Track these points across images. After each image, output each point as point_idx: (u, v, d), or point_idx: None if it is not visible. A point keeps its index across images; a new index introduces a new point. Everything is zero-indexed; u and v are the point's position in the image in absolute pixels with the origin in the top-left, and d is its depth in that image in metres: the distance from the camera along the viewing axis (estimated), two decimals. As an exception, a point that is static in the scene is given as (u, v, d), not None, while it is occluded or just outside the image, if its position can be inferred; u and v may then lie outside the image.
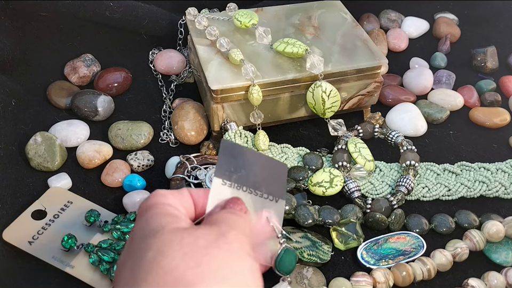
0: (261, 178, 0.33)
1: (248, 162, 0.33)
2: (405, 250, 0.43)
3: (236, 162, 0.32)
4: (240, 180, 0.32)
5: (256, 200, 0.33)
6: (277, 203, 0.34)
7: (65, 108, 0.53)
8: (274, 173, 0.34)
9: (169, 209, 0.29)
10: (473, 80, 0.60)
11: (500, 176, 0.48)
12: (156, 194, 0.30)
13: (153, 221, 0.28)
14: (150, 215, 0.28)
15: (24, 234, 0.41)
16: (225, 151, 0.32)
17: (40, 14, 0.57)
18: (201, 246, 0.26)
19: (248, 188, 0.33)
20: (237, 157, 0.33)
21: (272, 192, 0.34)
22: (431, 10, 0.69)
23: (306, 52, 0.47)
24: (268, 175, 0.34)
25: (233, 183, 0.32)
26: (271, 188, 0.34)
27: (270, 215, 0.33)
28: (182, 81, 0.58)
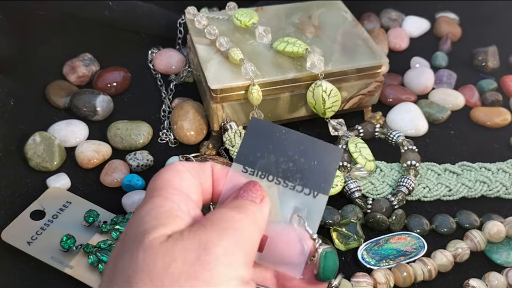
0: (296, 165, 0.27)
1: (281, 146, 0.27)
2: (405, 250, 0.42)
3: (264, 146, 0.27)
4: (266, 167, 0.27)
5: (285, 193, 0.27)
6: (315, 198, 0.27)
7: (64, 107, 0.53)
8: (319, 160, 0.27)
9: (175, 199, 0.25)
10: (474, 80, 0.60)
11: (501, 176, 0.48)
12: (172, 169, 0.26)
13: (149, 217, 0.24)
14: (150, 207, 0.25)
15: (22, 235, 0.41)
16: (252, 131, 0.27)
17: (39, 13, 0.57)
18: (172, 278, 0.21)
19: (277, 177, 0.27)
20: (266, 139, 0.27)
21: (310, 183, 0.27)
22: (432, 10, 0.69)
23: (306, 51, 0.47)
24: (309, 162, 0.27)
25: (257, 170, 0.27)
26: (310, 179, 0.27)
27: (302, 216, 0.27)
28: (182, 80, 0.57)
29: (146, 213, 0.25)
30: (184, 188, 0.26)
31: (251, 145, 0.27)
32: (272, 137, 0.27)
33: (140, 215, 0.25)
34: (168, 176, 0.26)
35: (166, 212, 0.24)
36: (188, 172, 0.26)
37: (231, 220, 0.24)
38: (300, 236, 0.27)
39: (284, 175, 0.27)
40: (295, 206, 0.27)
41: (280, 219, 0.27)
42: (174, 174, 0.26)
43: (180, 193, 0.25)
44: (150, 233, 0.23)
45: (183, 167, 0.26)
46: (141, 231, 0.24)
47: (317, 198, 0.27)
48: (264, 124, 0.28)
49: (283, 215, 0.27)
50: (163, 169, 0.26)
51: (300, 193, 0.27)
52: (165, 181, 0.26)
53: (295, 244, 0.27)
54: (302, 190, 0.27)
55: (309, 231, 0.27)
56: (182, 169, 0.26)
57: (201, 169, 0.27)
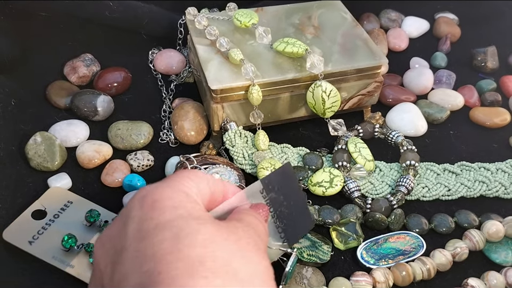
0: (288, 215, 0.34)
1: (290, 195, 0.33)
2: (404, 250, 0.43)
3: (283, 186, 0.33)
4: (274, 201, 0.33)
5: (272, 227, 0.33)
6: (281, 244, 0.35)
7: (64, 107, 0.53)
8: (300, 221, 0.35)
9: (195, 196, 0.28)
10: (474, 80, 0.60)
11: (500, 176, 0.48)
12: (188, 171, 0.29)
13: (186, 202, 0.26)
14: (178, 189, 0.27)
15: (24, 234, 0.41)
16: (284, 171, 0.33)
17: (40, 14, 0.57)
18: (244, 248, 0.25)
19: (275, 211, 0.33)
20: (287, 184, 0.33)
21: (287, 233, 0.34)
22: (431, 10, 0.69)
23: (306, 52, 0.47)
24: (295, 218, 0.34)
25: (268, 198, 0.32)
26: (289, 230, 0.34)
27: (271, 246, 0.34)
28: (182, 81, 0.58)
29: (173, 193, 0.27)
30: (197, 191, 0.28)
31: (276, 179, 0.32)
32: (291, 185, 0.34)
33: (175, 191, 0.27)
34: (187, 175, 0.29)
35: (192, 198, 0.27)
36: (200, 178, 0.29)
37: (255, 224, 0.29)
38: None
39: (279, 215, 0.33)
40: (271, 242, 0.34)
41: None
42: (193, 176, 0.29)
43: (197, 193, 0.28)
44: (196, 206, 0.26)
45: (196, 174, 0.29)
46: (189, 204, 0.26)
47: (283, 245, 0.35)
48: (292, 173, 0.35)
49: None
50: (181, 170, 0.30)
51: (278, 234, 0.34)
52: (185, 177, 0.28)
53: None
54: (280, 232, 0.34)
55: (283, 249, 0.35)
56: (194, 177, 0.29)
57: (217, 182, 0.30)
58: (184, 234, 0.24)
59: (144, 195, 0.26)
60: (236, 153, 0.48)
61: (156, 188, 0.27)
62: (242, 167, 0.48)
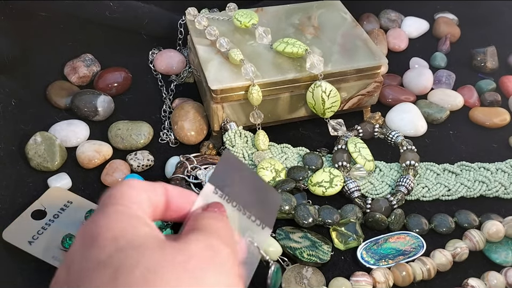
0: (253, 199, 0.32)
1: (244, 180, 0.32)
2: (404, 250, 0.43)
3: (232, 176, 0.32)
4: (232, 194, 0.31)
5: (243, 219, 0.32)
6: (263, 230, 0.32)
7: (65, 107, 0.53)
8: (267, 199, 0.33)
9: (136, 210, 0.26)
10: (473, 80, 0.60)
11: (500, 176, 0.48)
12: (128, 184, 0.27)
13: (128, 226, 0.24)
14: (115, 212, 0.25)
15: (24, 234, 0.41)
16: (225, 161, 0.31)
17: (40, 14, 0.57)
18: (195, 267, 0.23)
19: (238, 204, 0.31)
20: (235, 171, 0.32)
21: (261, 217, 0.32)
22: (431, 10, 0.69)
23: (306, 52, 0.47)
24: (261, 199, 0.33)
25: (225, 194, 0.31)
26: (261, 213, 0.32)
27: (253, 239, 0.32)
28: (182, 81, 0.58)
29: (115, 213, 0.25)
30: (140, 202, 0.26)
31: (222, 173, 0.31)
32: (240, 171, 0.32)
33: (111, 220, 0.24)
34: (125, 189, 0.27)
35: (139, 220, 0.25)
36: (142, 188, 0.27)
37: (219, 228, 0.27)
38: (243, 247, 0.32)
39: (244, 204, 0.32)
40: (249, 232, 0.32)
41: (238, 240, 0.31)
42: (130, 188, 0.27)
43: (137, 206, 0.26)
44: (150, 238, 0.24)
45: (136, 183, 0.27)
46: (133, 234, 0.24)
47: (265, 230, 0.33)
48: (234, 158, 0.32)
49: (239, 238, 0.32)
50: (117, 184, 0.27)
51: (253, 223, 0.32)
52: (122, 192, 0.26)
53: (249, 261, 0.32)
54: (255, 220, 0.32)
55: (262, 253, 0.32)
56: (135, 185, 0.27)
57: (153, 188, 0.28)
58: (122, 271, 0.22)
59: (83, 233, 0.25)
60: (236, 153, 0.48)
61: (95, 221, 0.25)
62: (242, 167, 0.48)
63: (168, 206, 0.28)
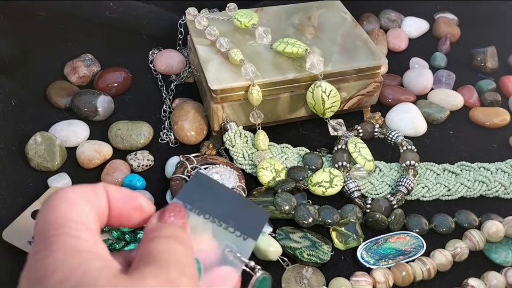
0: (230, 213, 0.30)
1: (220, 197, 0.30)
2: (404, 250, 0.43)
3: (204, 193, 0.30)
4: (203, 208, 0.29)
5: (218, 230, 0.30)
6: (244, 241, 0.30)
7: (65, 107, 0.53)
8: (250, 214, 0.31)
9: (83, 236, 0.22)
10: (473, 80, 0.60)
11: (500, 176, 0.48)
12: (64, 199, 0.23)
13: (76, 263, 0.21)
14: (60, 249, 0.21)
15: (24, 234, 0.41)
16: (196, 181, 0.30)
17: (40, 14, 0.57)
18: None
19: (212, 216, 0.29)
20: (207, 189, 0.30)
21: (241, 229, 0.30)
22: (431, 10, 0.69)
23: (306, 52, 0.47)
24: (241, 214, 0.31)
25: (195, 208, 0.29)
26: (242, 225, 0.30)
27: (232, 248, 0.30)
28: (182, 81, 0.58)
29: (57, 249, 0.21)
30: (84, 220, 0.23)
31: (193, 191, 0.29)
32: (214, 189, 0.31)
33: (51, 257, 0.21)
34: (64, 209, 0.23)
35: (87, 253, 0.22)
36: (81, 198, 0.24)
37: (176, 252, 0.24)
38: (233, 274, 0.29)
39: (218, 217, 0.30)
40: (226, 243, 0.30)
41: (212, 250, 0.29)
42: (68, 205, 0.23)
43: (83, 227, 0.23)
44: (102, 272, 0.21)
45: (74, 194, 0.24)
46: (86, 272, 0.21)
47: (247, 241, 0.30)
48: (206, 178, 0.31)
49: (215, 248, 0.29)
50: (52, 201, 0.23)
51: (232, 234, 0.30)
52: (62, 214, 0.23)
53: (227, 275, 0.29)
54: (234, 232, 0.30)
55: (245, 260, 0.29)
56: (73, 198, 0.23)
57: (94, 192, 0.24)
58: None
59: (28, 276, 0.22)
60: (236, 153, 0.48)
61: (39, 261, 0.21)
62: (242, 167, 0.48)
63: (109, 211, 0.25)
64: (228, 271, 0.28)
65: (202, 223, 0.29)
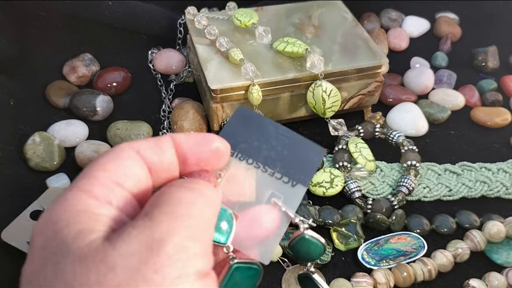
0: (278, 155, 0.27)
1: (266, 136, 0.27)
2: (405, 250, 0.42)
3: (247, 133, 0.27)
4: (247, 151, 0.26)
5: (263, 177, 0.26)
6: (293, 187, 0.27)
7: (64, 107, 0.53)
8: (301, 155, 0.27)
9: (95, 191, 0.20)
10: (474, 80, 0.60)
11: (501, 177, 0.48)
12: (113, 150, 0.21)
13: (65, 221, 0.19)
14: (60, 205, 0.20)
15: (22, 235, 0.41)
16: (237, 120, 0.27)
17: (39, 14, 0.57)
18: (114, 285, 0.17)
19: (256, 161, 0.26)
20: (251, 128, 0.27)
21: (289, 173, 0.27)
22: (432, 10, 0.69)
23: (306, 51, 0.47)
24: (291, 154, 0.27)
25: (236, 152, 0.26)
26: (290, 169, 0.27)
27: (278, 200, 0.26)
28: (182, 80, 0.57)
29: (61, 213, 0.20)
30: (115, 176, 0.21)
31: (234, 131, 0.27)
32: (258, 127, 0.27)
33: (55, 217, 0.20)
34: (102, 160, 0.21)
35: (81, 213, 0.19)
36: (133, 151, 0.21)
37: (183, 203, 0.20)
38: (276, 213, 0.26)
39: (264, 161, 0.27)
40: (272, 192, 0.27)
41: (255, 201, 0.26)
42: (111, 157, 0.21)
43: (105, 181, 0.20)
44: (76, 240, 0.18)
45: (128, 147, 0.21)
46: (62, 237, 0.19)
47: (295, 188, 0.27)
48: (251, 114, 0.28)
49: (259, 198, 0.26)
50: (106, 151, 0.22)
51: (279, 180, 0.27)
52: (95, 165, 0.21)
53: (270, 220, 0.26)
54: (281, 178, 0.27)
55: (289, 213, 0.26)
56: (124, 149, 0.21)
57: (157, 145, 0.22)
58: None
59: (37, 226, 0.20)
60: (236, 153, 0.48)
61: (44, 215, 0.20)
62: (242, 167, 0.48)
63: (184, 161, 0.23)
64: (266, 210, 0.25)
65: (244, 169, 0.26)
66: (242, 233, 0.24)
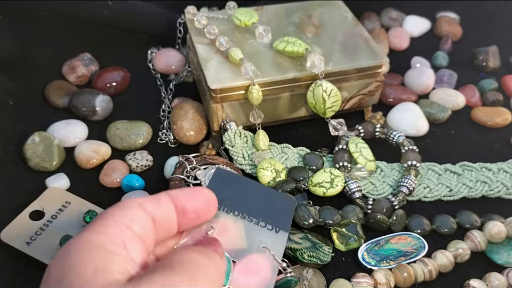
0: (259, 207, 0.31)
1: (245, 191, 0.31)
2: (406, 251, 0.42)
3: (229, 189, 0.30)
4: (232, 205, 0.30)
5: (251, 227, 0.30)
6: (277, 233, 0.30)
7: (63, 107, 0.53)
8: (278, 205, 0.31)
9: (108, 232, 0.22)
10: (475, 80, 0.60)
11: (502, 177, 0.48)
12: (120, 205, 0.24)
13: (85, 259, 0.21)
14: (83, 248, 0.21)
15: (22, 235, 0.41)
16: (217, 179, 0.31)
17: (38, 13, 0.57)
18: None
19: (241, 213, 0.30)
20: (231, 185, 0.31)
21: (272, 222, 0.30)
22: (432, 9, 0.69)
23: (306, 51, 0.47)
24: (269, 206, 0.31)
25: (223, 206, 0.29)
26: (272, 218, 0.30)
27: (267, 243, 0.30)
28: (181, 80, 0.57)
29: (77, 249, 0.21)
30: (124, 220, 0.23)
31: (217, 189, 0.29)
32: (237, 184, 0.31)
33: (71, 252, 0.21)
34: (111, 210, 0.24)
35: (97, 249, 0.21)
36: (136, 203, 0.25)
37: (201, 265, 0.23)
38: (268, 263, 0.29)
39: (248, 212, 0.30)
40: (260, 239, 0.30)
41: (247, 248, 0.29)
42: (118, 207, 0.24)
43: (116, 226, 0.23)
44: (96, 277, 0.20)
45: (131, 201, 0.25)
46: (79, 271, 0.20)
47: (279, 234, 0.30)
48: (227, 173, 0.31)
49: (250, 245, 0.30)
50: (117, 205, 0.24)
51: (264, 228, 0.30)
52: (105, 213, 0.23)
53: (264, 269, 0.29)
54: (265, 226, 0.30)
55: (278, 259, 0.29)
56: (129, 202, 0.24)
57: (156, 199, 0.25)
58: None
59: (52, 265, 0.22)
60: (236, 153, 0.47)
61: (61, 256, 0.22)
62: (242, 167, 0.48)
63: (183, 212, 0.26)
64: (261, 259, 0.28)
65: (233, 220, 0.29)
66: (241, 280, 0.27)
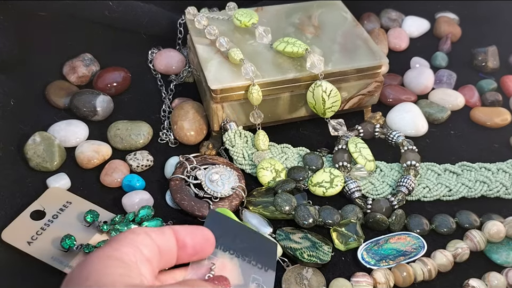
0: (248, 247, 0.34)
1: (235, 232, 0.34)
2: (405, 250, 0.42)
3: (222, 229, 0.33)
4: (227, 244, 0.33)
5: (244, 264, 0.33)
6: (266, 272, 0.34)
7: (64, 107, 0.53)
8: (263, 246, 0.35)
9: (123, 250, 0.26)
10: (474, 80, 0.60)
11: (501, 176, 0.48)
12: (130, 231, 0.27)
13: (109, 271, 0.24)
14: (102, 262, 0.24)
15: (23, 235, 0.41)
16: (211, 220, 0.33)
17: (39, 14, 0.57)
18: None
19: (236, 252, 0.33)
20: (224, 226, 0.34)
21: (261, 261, 0.34)
22: (431, 10, 0.69)
23: (306, 51, 0.47)
24: (257, 247, 0.34)
25: (219, 245, 0.32)
26: (261, 258, 0.34)
27: (259, 280, 0.33)
28: (182, 80, 0.57)
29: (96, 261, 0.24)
30: (136, 242, 0.26)
31: (213, 229, 0.32)
32: (229, 226, 0.34)
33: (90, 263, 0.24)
34: (120, 235, 0.27)
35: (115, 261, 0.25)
36: (143, 231, 0.27)
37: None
38: None
39: (241, 252, 0.33)
40: (253, 276, 0.33)
41: (243, 284, 0.32)
42: (127, 233, 0.27)
43: (130, 246, 0.26)
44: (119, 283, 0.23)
45: (139, 229, 0.28)
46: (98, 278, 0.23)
47: (268, 272, 0.34)
48: (221, 217, 0.34)
49: (245, 281, 0.32)
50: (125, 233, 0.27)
51: (255, 266, 0.33)
52: (115, 238, 0.27)
53: None
54: (256, 264, 0.34)
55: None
56: (136, 229, 0.27)
57: (160, 231, 0.28)
58: None
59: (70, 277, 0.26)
60: (236, 153, 0.48)
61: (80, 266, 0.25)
62: (242, 167, 0.48)
63: (183, 245, 0.29)
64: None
65: (229, 258, 0.32)
66: None
